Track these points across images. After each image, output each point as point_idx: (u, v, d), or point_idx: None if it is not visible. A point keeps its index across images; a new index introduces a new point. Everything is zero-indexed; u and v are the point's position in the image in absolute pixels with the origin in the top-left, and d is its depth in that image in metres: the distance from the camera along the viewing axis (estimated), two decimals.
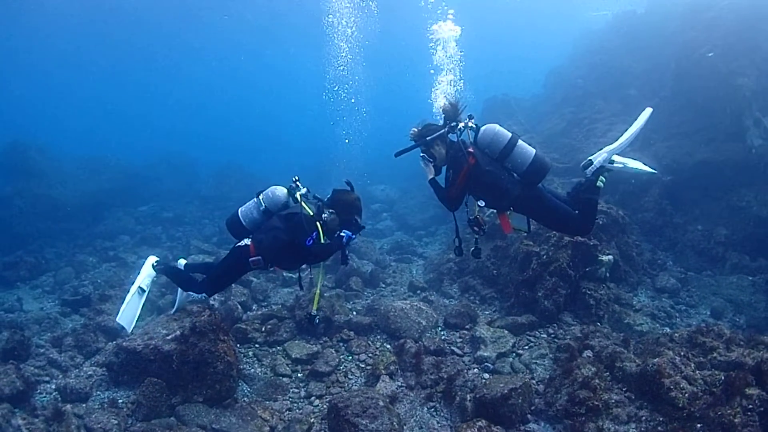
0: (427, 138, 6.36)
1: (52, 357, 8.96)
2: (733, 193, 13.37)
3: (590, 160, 6.61)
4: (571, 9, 34.66)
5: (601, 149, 6.71)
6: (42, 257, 15.62)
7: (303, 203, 6.86)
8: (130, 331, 7.22)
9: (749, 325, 9.70)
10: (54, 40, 35.37)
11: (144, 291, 7.40)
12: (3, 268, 14.63)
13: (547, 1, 34.37)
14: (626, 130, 6.78)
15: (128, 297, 7.25)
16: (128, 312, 7.07)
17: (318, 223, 6.68)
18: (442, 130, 6.34)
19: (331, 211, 6.87)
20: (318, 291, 7.22)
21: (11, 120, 43.54)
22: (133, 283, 7.44)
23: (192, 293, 7.33)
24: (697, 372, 6.25)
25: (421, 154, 6.49)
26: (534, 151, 6.33)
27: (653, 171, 7.01)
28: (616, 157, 6.69)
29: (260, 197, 6.98)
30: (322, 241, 6.65)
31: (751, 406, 5.43)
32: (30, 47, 36.37)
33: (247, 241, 6.88)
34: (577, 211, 6.64)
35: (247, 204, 7.07)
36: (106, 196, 21.97)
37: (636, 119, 6.80)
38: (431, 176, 6.45)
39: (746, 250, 12.20)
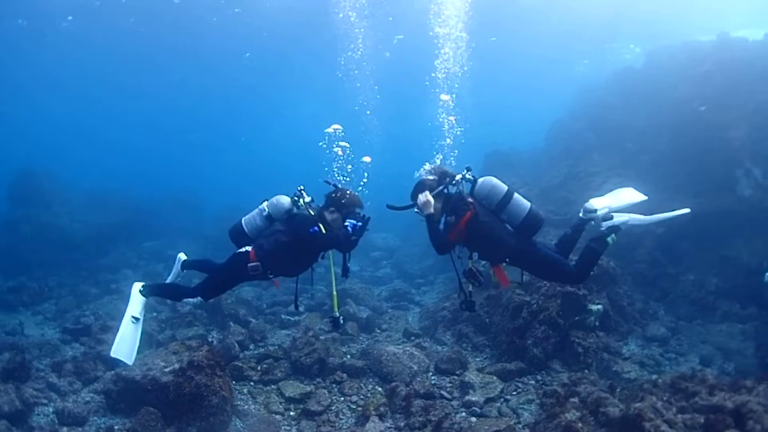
0: (421, 218, 6.37)
1: (51, 381, 9.21)
2: (725, 243, 13.61)
3: (611, 214, 6.78)
4: (571, 65, 35.42)
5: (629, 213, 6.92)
6: (45, 284, 15.96)
7: (307, 208, 6.81)
8: (131, 363, 6.96)
9: (738, 372, 9.84)
10: (66, 73, 35.97)
11: (138, 319, 7.01)
12: (6, 291, 15.01)
13: (549, 57, 34.97)
14: (658, 214, 7.02)
15: (121, 329, 6.83)
16: (124, 344, 6.71)
17: (320, 224, 6.61)
18: (438, 188, 6.36)
19: (332, 209, 6.79)
20: (335, 293, 7.17)
21: (23, 148, 44.17)
22: (124, 315, 7.00)
23: (188, 300, 7.15)
24: (679, 416, 6.40)
25: (416, 211, 6.50)
26: (529, 204, 6.43)
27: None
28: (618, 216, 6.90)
29: (264, 204, 6.86)
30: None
31: None
32: (43, 79, 37.00)
33: (248, 248, 6.73)
34: (574, 261, 6.81)
35: (251, 212, 6.94)
36: (111, 229, 22.20)
37: (674, 210, 7.12)
38: (429, 211, 6.24)
39: (737, 299, 12.40)
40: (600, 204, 6.83)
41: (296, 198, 6.80)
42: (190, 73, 37.24)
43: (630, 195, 7.05)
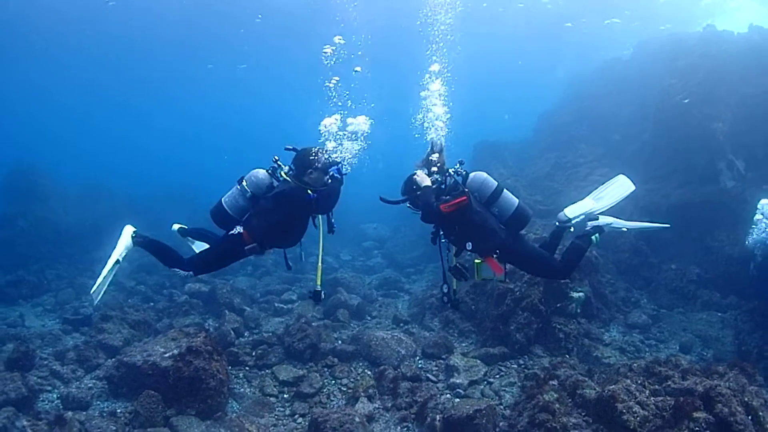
0: (418, 192, 6.44)
1: (54, 369, 9.61)
2: (707, 233, 14.03)
3: (597, 215, 7.09)
4: (562, 54, 35.40)
5: (617, 219, 7.24)
6: (43, 277, 16.29)
7: (287, 178, 6.55)
8: (95, 303, 6.72)
9: (716, 359, 10.21)
10: (63, 67, 36.01)
11: (118, 262, 6.70)
12: (5, 285, 15.31)
13: (539, 49, 35.05)
14: (643, 222, 7.56)
15: (105, 269, 6.52)
16: (102, 285, 6.46)
17: (306, 189, 6.42)
18: (440, 179, 6.47)
19: (309, 171, 6.56)
20: (320, 265, 6.90)
21: (18, 142, 44.28)
22: (111, 255, 6.68)
23: (178, 270, 6.95)
24: (651, 398, 6.76)
25: (408, 205, 6.70)
26: (518, 200, 6.67)
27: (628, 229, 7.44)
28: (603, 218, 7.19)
29: (243, 183, 6.56)
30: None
31: (697, 429, 5.97)
32: (39, 73, 37.05)
33: (239, 229, 6.52)
34: (558, 256, 7.10)
35: (230, 192, 6.66)
36: (105, 223, 22.12)
37: (656, 223, 7.55)
38: (426, 183, 6.34)
39: (717, 288, 12.84)
40: (577, 210, 7.13)
41: (273, 171, 6.64)
42: (187, 67, 37.30)
43: (617, 191, 7.28)
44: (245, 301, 13.67)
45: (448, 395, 8.79)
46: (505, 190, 6.58)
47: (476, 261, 6.63)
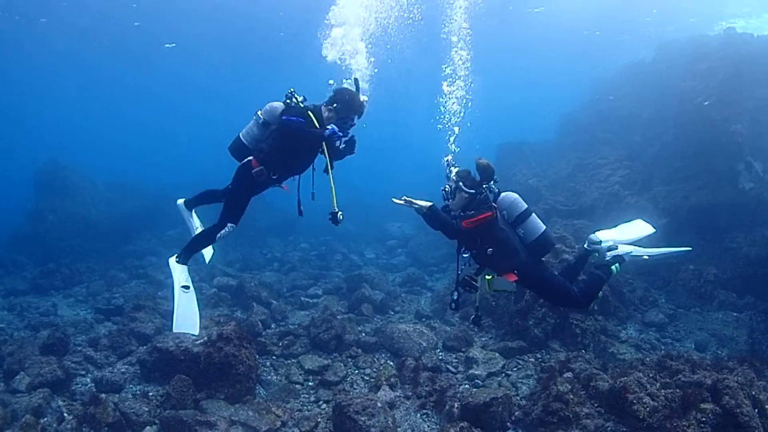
0: (462, 184, 6.41)
1: (88, 354, 10.12)
2: (725, 235, 14.20)
3: (616, 244, 7.07)
4: (586, 57, 35.21)
5: (634, 246, 7.22)
6: (75, 269, 16.83)
7: (299, 104, 6.52)
8: (197, 332, 6.79)
9: (730, 358, 10.35)
10: (90, 65, 36.47)
11: (188, 287, 6.72)
12: (38, 276, 15.94)
13: (563, 51, 34.89)
14: (662, 248, 7.63)
15: (176, 303, 6.56)
16: (184, 317, 6.54)
17: (310, 113, 6.40)
18: (475, 191, 6.41)
19: (330, 107, 6.55)
20: (333, 186, 6.57)
21: (48, 140, 44.93)
22: (173, 290, 6.70)
23: (221, 233, 6.81)
24: (661, 390, 7.07)
25: (448, 184, 6.54)
26: (545, 226, 6.64)
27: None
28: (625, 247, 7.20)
29: (258, 113, 6.63)
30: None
31: (704, 419, 6.29)
32: (67, 71, 37.56)
33: (250, 158, 6.61)
34: (578, 285, 6.94)
35: (248, 125, 6.76)
36: (134, 218, 22.74)
37: (678, 247, 7.76)
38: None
39: (735, 288, 12.99)
40: (605, 236, 7.13)
41: (288, 100, 6.56)
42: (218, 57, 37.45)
43: (637, 229, 7.35)
44: (272, 295, 14.08)
45: (466, 385, 9.15)
46: (533, 214, 6.56)
47: (487, 276, 6.51)
